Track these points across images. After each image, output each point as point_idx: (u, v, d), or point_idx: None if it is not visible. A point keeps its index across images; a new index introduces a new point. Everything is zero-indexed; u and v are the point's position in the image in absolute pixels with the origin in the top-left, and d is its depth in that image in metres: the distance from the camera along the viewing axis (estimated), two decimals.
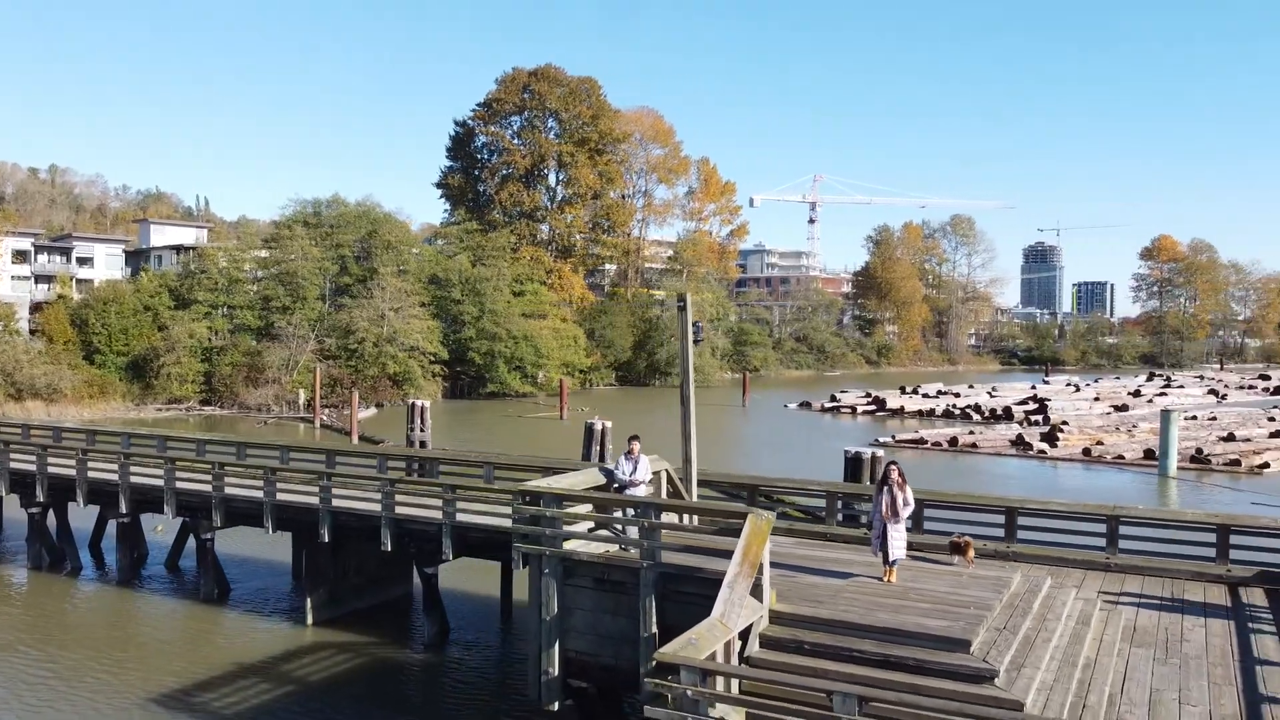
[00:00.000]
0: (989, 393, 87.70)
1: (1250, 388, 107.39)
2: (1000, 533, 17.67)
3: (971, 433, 59.56)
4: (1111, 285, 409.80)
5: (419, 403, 39.06)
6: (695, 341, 16.81)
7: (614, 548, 14.46)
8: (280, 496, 22.26)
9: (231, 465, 24.24)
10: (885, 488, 14.46)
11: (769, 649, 12.21)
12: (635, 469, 15.44)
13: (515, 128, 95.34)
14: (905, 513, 14.32)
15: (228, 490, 23.12)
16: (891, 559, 14.19)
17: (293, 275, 79.32)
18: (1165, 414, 49.08)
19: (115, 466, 24.99)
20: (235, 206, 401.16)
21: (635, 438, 15.76)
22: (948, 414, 75.91)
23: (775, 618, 12.60)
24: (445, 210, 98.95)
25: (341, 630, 21.66)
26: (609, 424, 32.17)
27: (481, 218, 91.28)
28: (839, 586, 13.86)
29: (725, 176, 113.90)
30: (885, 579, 14.09)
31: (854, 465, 25.08)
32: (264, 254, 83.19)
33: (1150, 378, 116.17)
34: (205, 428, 60.46)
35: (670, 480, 16.62)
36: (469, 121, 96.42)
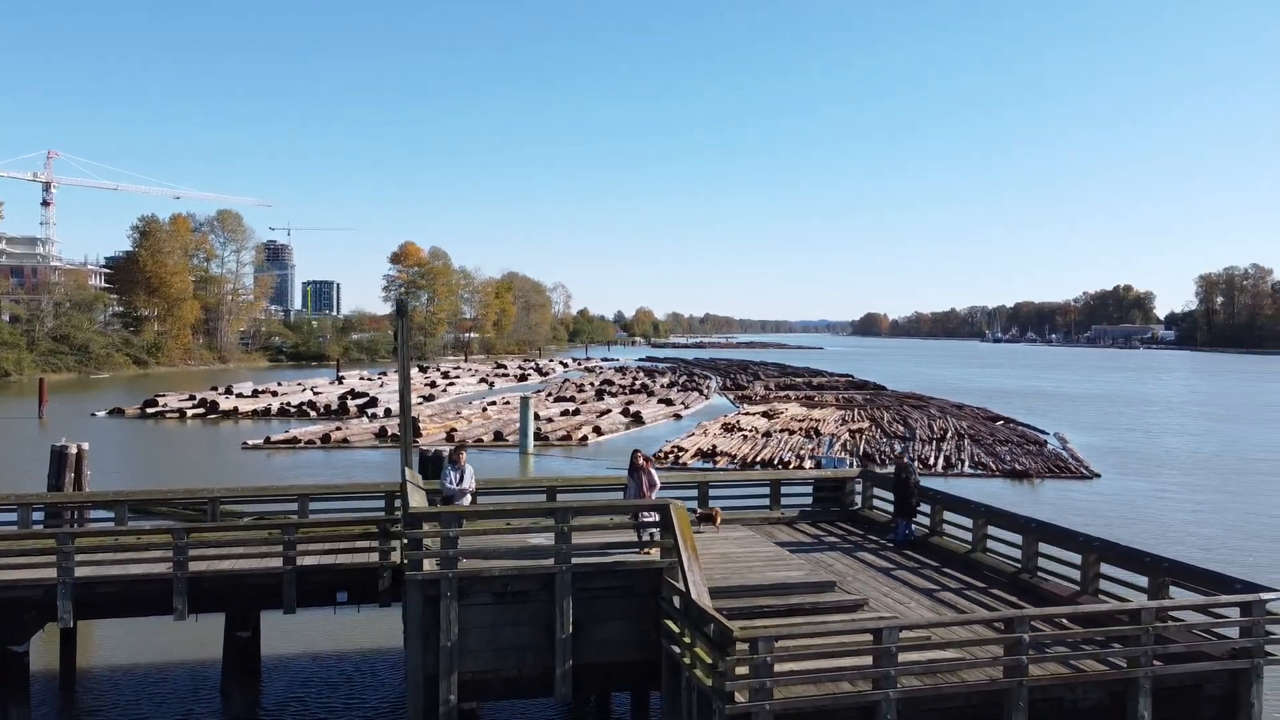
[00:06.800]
0: (313, 390, 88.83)
1: (503, 377, 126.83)
2: None
3: (340, 428, 60.79)
4: (339, 284, 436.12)
5: None
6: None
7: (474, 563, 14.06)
8: None
9: None
10: (636, 472, 16.12)
11: None
12: (463, 478, 15.03)
13: None
14: (654, 492, 16.24)
15: None
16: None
17: None
18: (524, 400, 57.06)
19: None
20: None
21: (461, 448, 15.29)
22: (283, 412, 75.32)
23: None
24: None
25: None
26: (85, 445, 26.42)
27: None
28: None
29: None
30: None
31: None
32: None
33: (425, 370, 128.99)
34: None
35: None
36: None
